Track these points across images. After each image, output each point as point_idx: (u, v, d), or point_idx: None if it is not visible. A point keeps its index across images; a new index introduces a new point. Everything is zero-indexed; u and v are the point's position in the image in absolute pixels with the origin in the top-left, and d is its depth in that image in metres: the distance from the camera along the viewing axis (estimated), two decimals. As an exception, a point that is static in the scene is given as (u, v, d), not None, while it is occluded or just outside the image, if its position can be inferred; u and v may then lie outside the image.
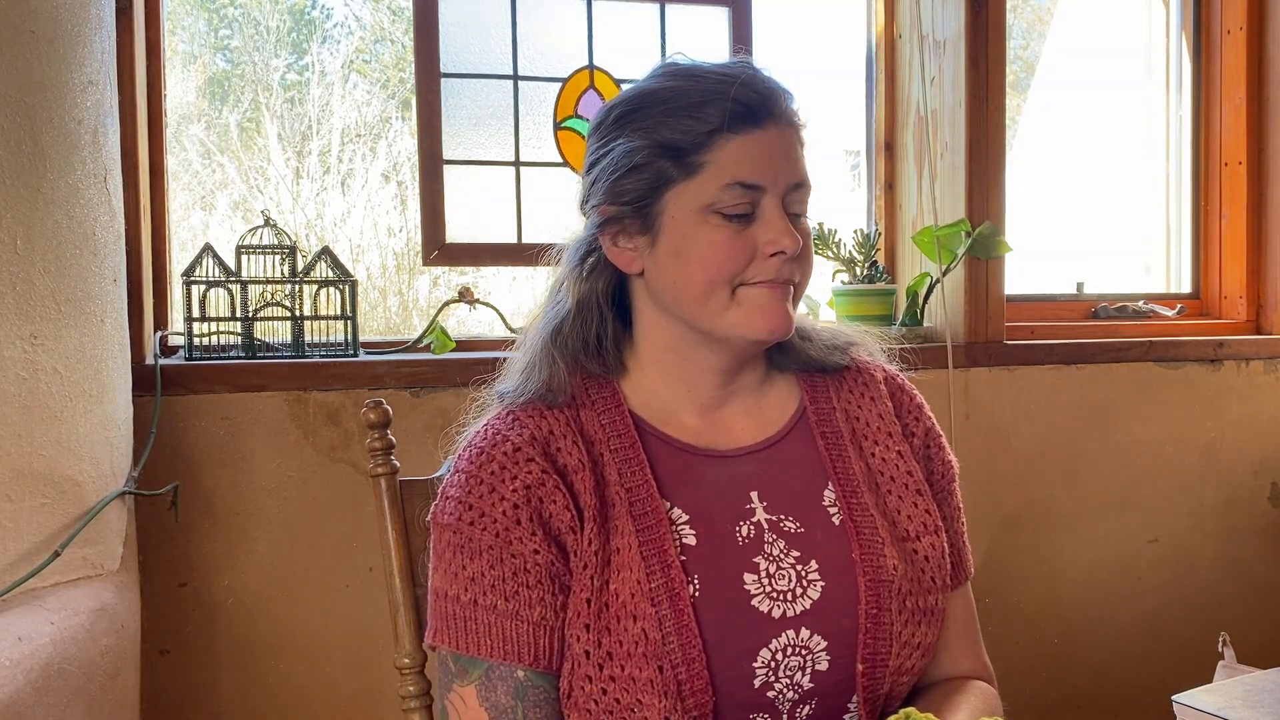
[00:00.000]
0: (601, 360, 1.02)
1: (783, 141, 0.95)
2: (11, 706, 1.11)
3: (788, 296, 0.97)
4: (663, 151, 0.95)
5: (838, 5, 2.34)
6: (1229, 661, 1.44)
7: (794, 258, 0.96)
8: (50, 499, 1.35)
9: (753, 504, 1.00)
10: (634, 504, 0.96)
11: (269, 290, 1.78)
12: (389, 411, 1.29)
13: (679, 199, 0.95)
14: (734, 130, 0.93)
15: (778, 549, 0.98)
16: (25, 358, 1.31)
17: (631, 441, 1.00)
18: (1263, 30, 2.35)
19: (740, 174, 0.93)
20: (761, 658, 0.94)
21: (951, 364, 2.06)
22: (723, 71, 0.96)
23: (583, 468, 0.97)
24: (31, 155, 1.32)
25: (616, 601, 0.93)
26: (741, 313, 0.96)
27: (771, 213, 0.95)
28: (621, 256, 1.00)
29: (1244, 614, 2.30)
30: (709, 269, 0.94)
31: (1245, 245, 2.37)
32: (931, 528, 1.03)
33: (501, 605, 0.93)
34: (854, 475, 1.03)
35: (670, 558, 0.94)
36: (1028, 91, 2.55)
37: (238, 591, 1.74)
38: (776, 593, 0.96)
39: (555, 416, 1.00)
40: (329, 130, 2.19)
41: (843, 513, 1.00)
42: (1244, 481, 2.30)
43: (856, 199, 2.34)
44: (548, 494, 0.95)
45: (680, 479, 0.99)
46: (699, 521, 0.97)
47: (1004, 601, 2.13)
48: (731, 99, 0.93)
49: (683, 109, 0.94)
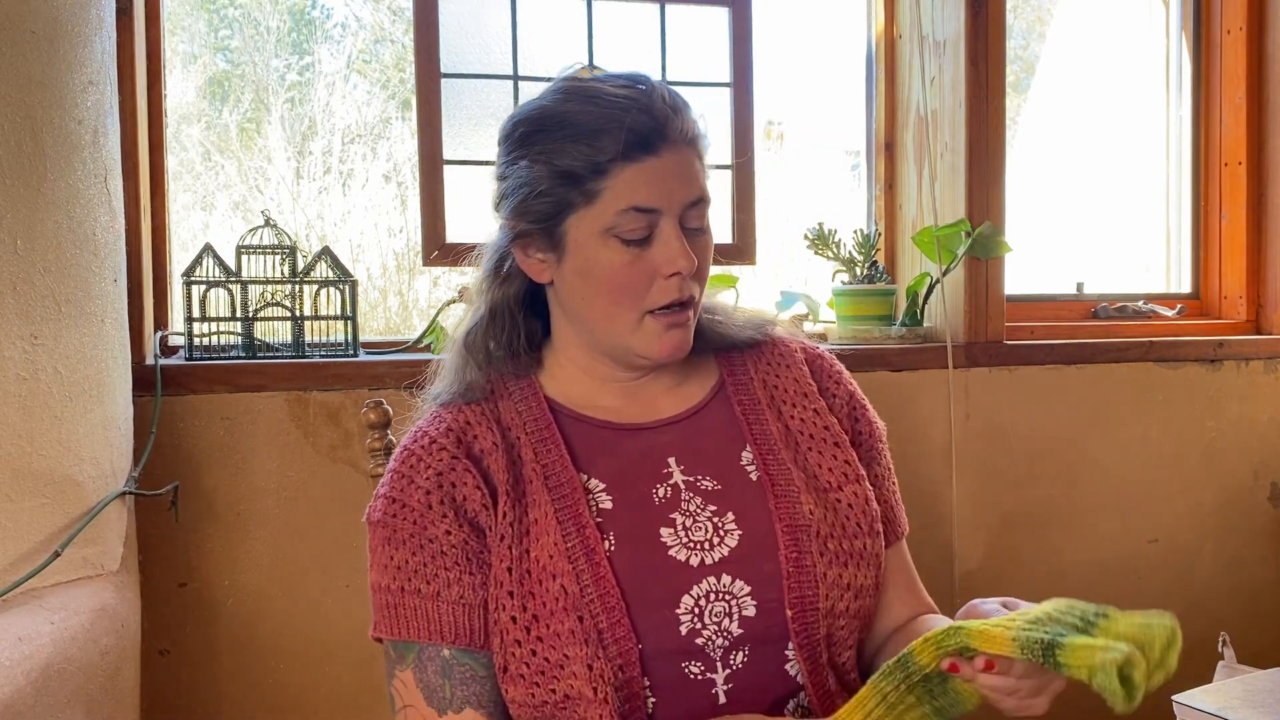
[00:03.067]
0: (515, 361, 1.09)
1: (679, 163, 0.99)
2: (11, 706, 1.11)
3: (685, 323, 1.02)
4: (562, 179, 0.98)
5: (838, 5, 2.34)
6: (1229, 661, 1.44)
7: (691, 274, 1.01)
8: (50, 499, 1.35)
9: (670, 468, 1.05)
10: (549, 478, 1.02)
11: (269, 290, 1.78)
12: (389, 411, 1.29)
13: (580, 224, 0.99)
14: (629, 159, 0.96)
15: (694, 505, 1.03)
16: (25, 358, 1.31)
17: (547, 424, 1.05)
18: (1263, 30, 2.35)
19: (636, 199, 0.97)
20: (684, 604, 0.97)
21: (951, 364, 2.06)
22: (620, 96, 0.98)
23: (496, 449, 1.03)
24: (31, 155, 1.32)
25: (537, 566, 0.98)
26: (643, 339, 1.01)
27: (668, 234, 0.99)
28: (532, 267, 1.05)
29: (1244, 614, 2.30)
30: (611, 291, 1.00)
31: (1245, 245, 2.37)
32: (853, 477, 1.08)
33: (424, 588, 0.99)
34: (771, 435, 1.08)
35: (585, 520, 0.99)
36: (1028, 91, 2.55)
37: (238, 591, 1.74)
38: (694, 543, 1.00)
39: (473, 410, 1.07)
40: (329, 130, 2.18)
41: (759, 469, 1.05)
42: (1244, 481, 2.30)
43: (856, 199, 2.34)
44: (458, 478, 1.01)
45: (596, 452, 1.05)
46: (615, 488, 1.03)
47: (1004, 601, 2.13)
48: (626, 128, 0.96)
49: (580, 136, 0.97)
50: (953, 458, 2.07)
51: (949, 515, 2.08)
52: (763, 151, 2.22)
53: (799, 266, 2.36)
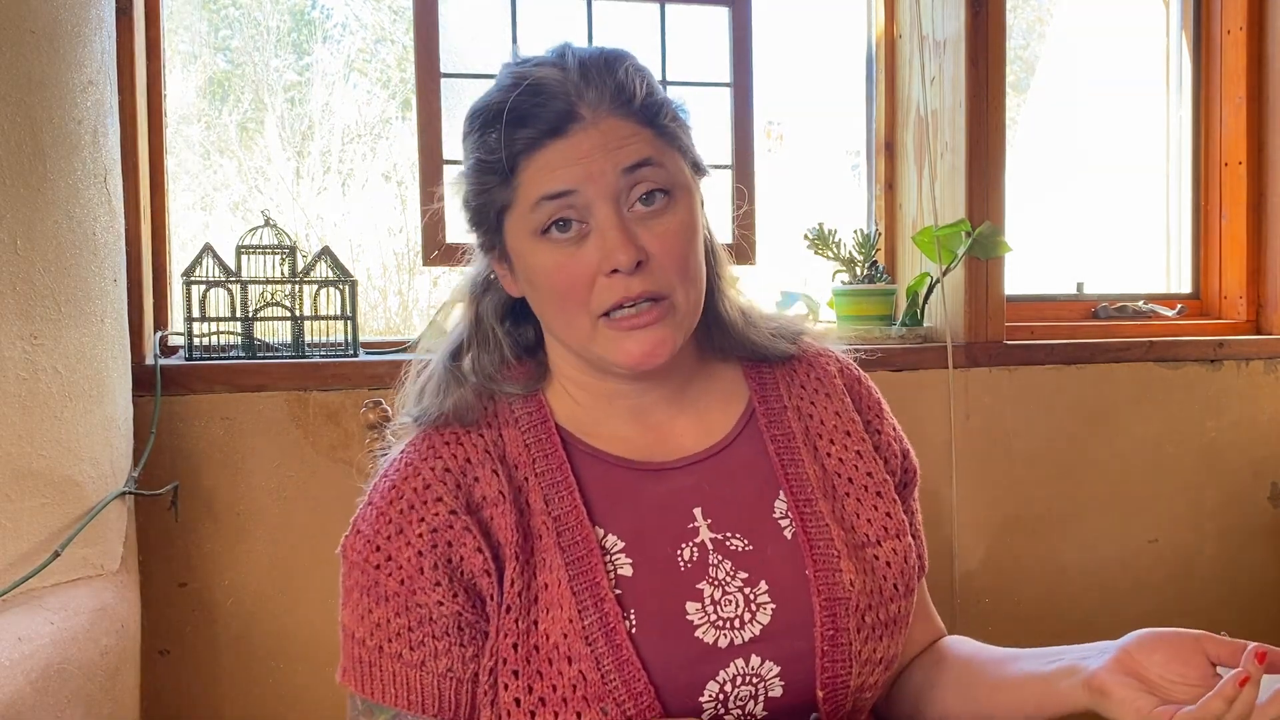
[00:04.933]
0: (513, 379, 0.96)
1: (599, 135, 0.85)
2: (11, 706, 1.11)
3: (654, 321, 0.86)
4: (483, 179, 0.88)
5: (838, 5, 2.34)
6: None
7: (642, 269, 0.85)
8: (50, 499, 1.35)
9: (696, 522, 0.92)
10: (561, 534, 0.89)
11: (269, 290, 1.78)
12: (389, 411, 1.29)
13: (513, 228, 0.89)
14: (537, 146, 0.85)
15: (724, 571, 0.90)
16: (25, 358, 1.31)
17: (559, 463, 0.92)
18: (1263, 30, 2.35)
19: (546, 187, 0.85)
20: (709, 691, 0.87)
21: (951, 364, 2.06)
22: (524, 76, 0.86)
23: (503, 499, 0.89)
24: (31, 155, 1.31)
25: (547, 644, 0.86)
26: (605, 347, 0.88)
27: (603, 223, 0.85)
28: (505, 280, 0.95)
29: (1244, 614, 2.30)
30: (555, 298, 0.88)
31: (1245, 245, 2.37)
32: (893, 531, 0.96)
33: (407, 654, 0.88)
34: (807, 481, 0.95)
35: (604, 592, 0.87)
36: (1028, 91, 2.55)
37: (238, 591, 1.74)
38: (723, 621, 0.89)
39: (474, 442, 0.93)
40: (329, 130, 2.19)
41: (795, 524, 0.93)
42: (1244, 481, 2.30)
43: (856, 199, 2.34)
44: (456, 537, 0.88)
45: (614, 500, 0.92)
46: (635, 549, 0.90)
47: (1004, 601, 2.13)
48: (532, 114, 0.84)
49: (491, 129, 0.86)
50: (953, 458, 2.07)
51: (949, 515, 2.08)
52: (763, 151, 2.22)
53: (799, 266, 2.36)
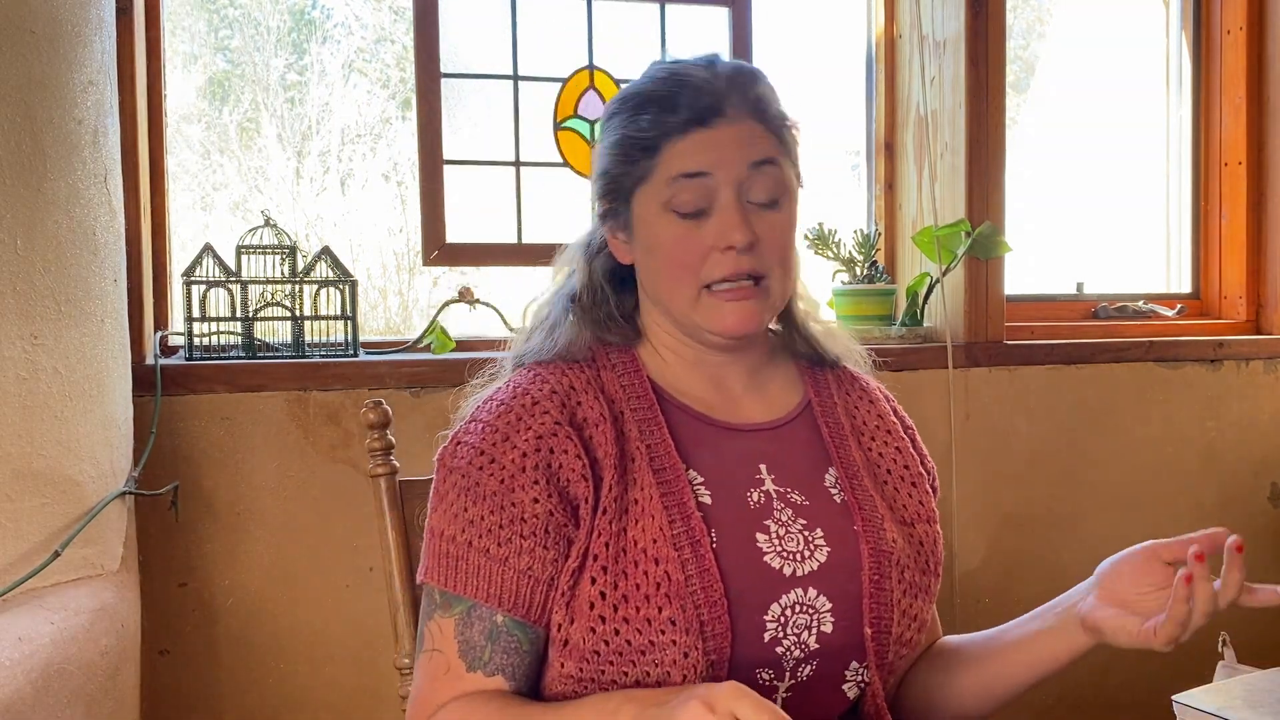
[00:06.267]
0: (618, 328, 1.08)
1: (735, 132, 0.99)
2: (11, 706, 1.11)
3: (750, 297, 1.00)
4: (627, 154, 1.01)
5: (838, 5, 2.34)
6: (1229, 661, 1.44)
7: (752, 251, 0.99)
8: (50, 499, 1.35)
9: (762, 475, 1.04)
10: (654, 459, 1.00)
11: (269, 290, 1.78)
12: (389, 411, 1.29)
13: (642, 199, 1.01)
14: (683, 132, 0.98)
15: (786, 515, 1.02)
16: (25, 358, 1.31)
17: (650, 404, 1.04)
18: (1263, 30, 2.35)
19: (684, 166, 0.98)
20: (772, 612, 0.97)
21: (951, 364, 2.06)
22: (679, 74, 1.00)
23: (604, 420, 1.00)
24: (31, 155, 1.32)
25: (635, 548, 0.95)
26: (704, 314, 1.00)
27: (725, 204, 0.98)
28: (618, 248, 1.07)
29: (1244, 614, 2.29)
30: (670, 266, 1.00)
31: (1245, 245, 2.37)
32: (925, 517, 1.10)
33: (494, 549, 0.96)
34: (854, 462, 1.08)
35: (690, 509, 0.98)
36: (1028, 91, 2.55)
37: (238, 591, 1.74)
38: (787, 552, 0.99)
39: (577, 373, 1.04)
40: (329, 130, 2.18)
41: (845, 493, 1.05)
42: (1244, 481, 2.30)
43: (856, 199, 2.34)
44: (559, 444, 0.98)
45: (696, 443, 1.03)
46: (714, 484, 1.01)
47: (1004, 601, 2.13)
48: (684, 105, 0.98)
49: (644, 112, 1.00)
50: (953, 458, 2.07)
51: (949, 515, 2.08)
52: (763, 151, 2.21)
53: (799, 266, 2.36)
